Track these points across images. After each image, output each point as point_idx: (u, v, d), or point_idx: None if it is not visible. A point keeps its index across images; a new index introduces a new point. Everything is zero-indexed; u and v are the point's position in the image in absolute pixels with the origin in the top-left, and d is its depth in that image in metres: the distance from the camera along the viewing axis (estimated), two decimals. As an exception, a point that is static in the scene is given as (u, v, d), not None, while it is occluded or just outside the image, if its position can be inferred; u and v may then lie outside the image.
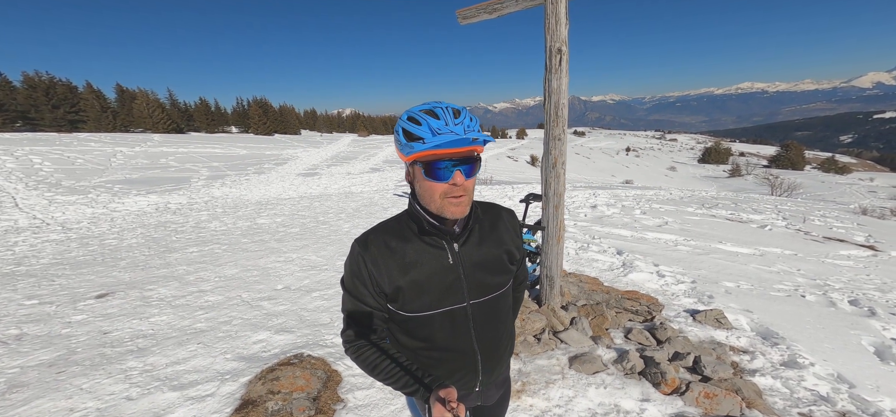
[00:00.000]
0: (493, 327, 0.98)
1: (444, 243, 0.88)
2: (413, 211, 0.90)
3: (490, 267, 0.93)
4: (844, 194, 22.35)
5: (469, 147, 0.80)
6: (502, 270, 0.96)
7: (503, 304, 0.99)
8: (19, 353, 2.62)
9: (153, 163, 15.26)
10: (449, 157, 0.80)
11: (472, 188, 0.86)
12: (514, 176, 22.29)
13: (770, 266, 4.65)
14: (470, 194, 0.85)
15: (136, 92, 35.24)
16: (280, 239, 5.76)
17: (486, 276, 0.93)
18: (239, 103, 46.82)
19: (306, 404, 2.12)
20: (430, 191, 0.83)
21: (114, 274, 4.19)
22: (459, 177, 0.81)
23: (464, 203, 0.84)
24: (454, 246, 0.89)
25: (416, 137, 0.79)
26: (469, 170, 0.83)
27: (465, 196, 0.84)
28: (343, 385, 2.28)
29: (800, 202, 12.59)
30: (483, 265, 0.92)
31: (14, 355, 2.60)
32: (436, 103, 0.82)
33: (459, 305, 0.91)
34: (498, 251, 0.95)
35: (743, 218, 7.55)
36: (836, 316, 3.24)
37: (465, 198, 0.84)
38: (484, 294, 0.93)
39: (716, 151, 46.83)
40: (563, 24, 2.54)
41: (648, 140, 73.81)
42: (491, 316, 0.96)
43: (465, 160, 0.82)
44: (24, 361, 2.52)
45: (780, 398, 2.13)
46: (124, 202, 9.11)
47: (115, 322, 3.08)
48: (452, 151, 0.79)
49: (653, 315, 3.03)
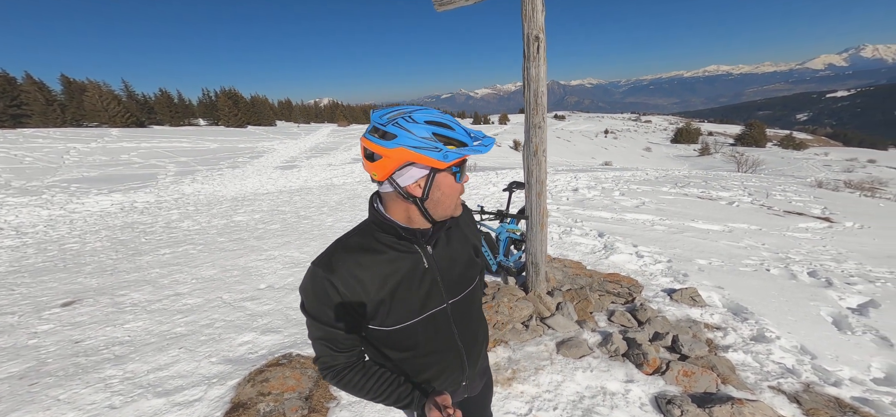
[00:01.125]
0: (472, 320, 1.00)
1: (416, 248, 0.86)
2: (382, 221, 0.85)
3: (462, 263, 0.95)
4: (802, 169, 23.98)
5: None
6: (472, 264, 0.98)
7: (477, 297, 1.03)
8: (-19, 369, 2.44)
9: (113, 159, 14.29)
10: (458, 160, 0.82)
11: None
12: (497, 161, 22.41)
13: (738, 241, 4.94)
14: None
15: (86, 83, 32.51)
16: (260, 236, 5.57)
17: (460, 272, 0.94)
18: (206, 94, 44.25)
19: (299, 403, 2.10)
20: (452, 195, 0.83)
21: (79, 281, 3.93)
22: (467, 178, 0.85)
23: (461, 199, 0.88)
24: (427, 249, 0.88)
25: (459, 142, 0.78)
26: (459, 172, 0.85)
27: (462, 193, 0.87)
28: (335, 384, 2.28)
29: (763, 177, 13.40)
30: (456, 261, 0.94)
31: (-25, 372, 2.42)
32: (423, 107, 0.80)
33: (440, 307, 0.90)
34: (466, 245, 0.97)
35: (713, 196, 7.95)
36: (797, 288, 3.50)
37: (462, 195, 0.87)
38: (460, 291, 0.94)
39: (687, 131, 48.88)
40: (540, 11, 2.51)
41: (625, 122, 75.83)
42: (468, 311, 0.98)
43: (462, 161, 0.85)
44: (-12, 377, 2.36)
45: (752, 372, 2.27)
46: (84, 202, 8.50)
47: (86, 330, 2.92)
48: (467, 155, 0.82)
49: (633, 296, 3.17)
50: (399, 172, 0.79)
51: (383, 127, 0.76)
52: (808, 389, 2.13)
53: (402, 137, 0.75)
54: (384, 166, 0.78)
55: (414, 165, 0.78)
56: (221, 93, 42.07)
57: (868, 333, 2.72)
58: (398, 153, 0.75)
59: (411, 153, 0.75)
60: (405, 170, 0.78)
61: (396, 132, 0.75)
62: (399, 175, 0.79)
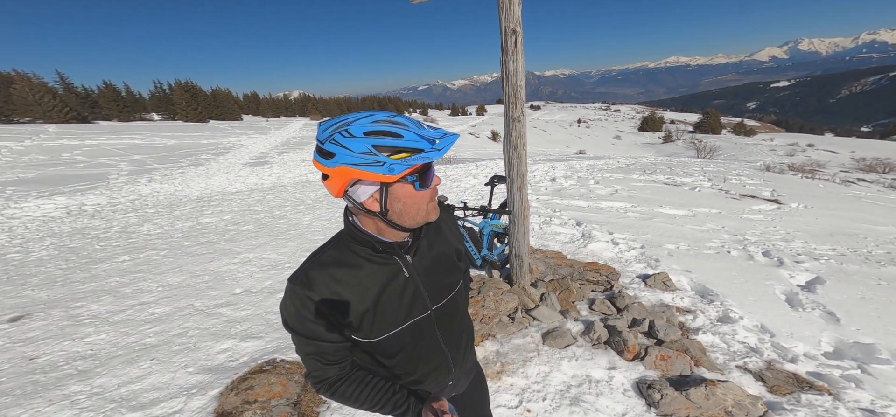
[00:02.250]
0: (456, 322, 1.00)
1: (395, 259, 0.84)
2: (357, 235, 0.81)
3: (444, 269, 0.93)
4: (752, 153, 26.02)
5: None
6: (454, 269, 0.96)
7: (461, 300, 1.01)
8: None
9: (53, 158, 12.93)
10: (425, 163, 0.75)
11: None
12: (477, 153, 22.52)
13: (701, 225, 5.30)
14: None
15: (13, 74, 28.93)
16: (231, 238, 5.27)
17: (442, 278, 0.92)
18: (158, 87, 40.79)
19: (287, 410, 2.05)
20: (419, 203, 0.77)
21: (25, 294, 3.56)
22: (438, 180, 0.80)
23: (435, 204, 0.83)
24: (407, 259, 0.85)
25: (414, 150, 0.70)
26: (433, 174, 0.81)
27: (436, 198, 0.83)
28: (323, 389, 2.22)
29: (720, 163, 14.41)
30: (437, 267, 0.91)
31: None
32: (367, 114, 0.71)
33: (424, 315, 0.89)
34: (448, 250, 0.95)
35: (677, 182, 8.46)
36: (754, 268, 3.81)
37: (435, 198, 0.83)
38: (444, 296, 0.93)
39: (652, 120, 51.45)
40: (517, 4, 2.50)
41: (596, 112, 78.46)
42: (452, 315, 0.97)
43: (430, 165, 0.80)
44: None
45: (721, 353, 2.45)
46: (22, 207, 7.64)
47: (40, 346, 2.67)
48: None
49: (611, 284, 3.32)
50: (351, 189, 0.74)
51: (322, 144, 0.70)
52: (770, 367, 2.34)
53: (340, 155, 0.69)
54: (334, 184, 0.73)
55: (361, 182, 0.72)
56: (177, 85, 38.94)
57: (816, 309, 3.01)
58: (341, 171, 0.70)
59: (353, 171, 0.69)
60: (356, 187, 0.73)
61: (334, 150, 0.69)
62: (352, 191, 0.74)
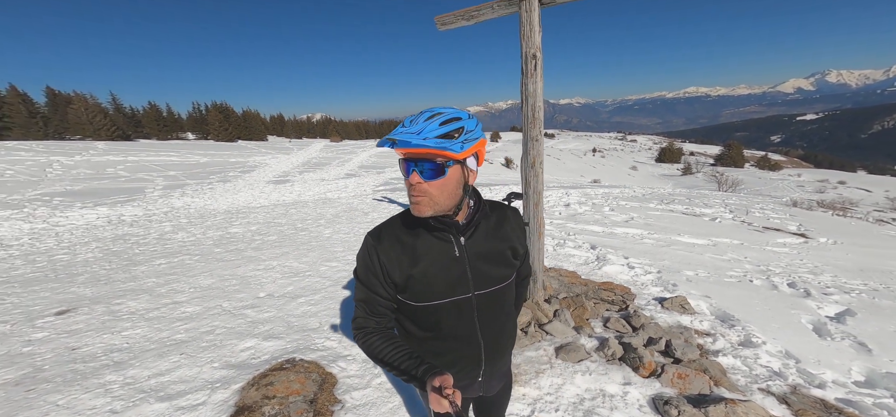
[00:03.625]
0: (497, 318, 1.03)
1: (450, 236, 0.93)
2: None
3: (494, 260, 0.98)
4: (777, 188, 25.11)
5: (412, 148, 0.80)
6: (506, 264, 1.01)
7: (507, 297, 1.05)
8: (-25, 375, 2.38)
9: (98, 172, 13.96)
10: (411, 157, 0.84)
11: (437, 192, 0.85)
12: (489, 178, 22.74)
13: (722, 255, 5.18)
14: (433, 197, 0.85)
15: (72, 96, 31.94)
16: (257, 247, 5.53)
17: (490, 268, 0.98)
18: (195, 108, 43.90)
19: (304, 407, 2.11)
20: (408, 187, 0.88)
21: (72, 290, 3.84)
22: (415, 177, 0.83)
23: (422, 204, 0.85)
24: (460, 240, 0.94)
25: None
26: (428, 174, 0.83)
27: (423, 197, 0.84)
28: (339, 387, 2.29)
29: (743, 196, 14.01)
30: (487, 257, 0.97)
31: (-32, 378, 2.35)
32: (433, 108, 0.85)
33: (465, 296, 0.95)
34: (502, 246, 1.00)
35: (696, 212, 8.30)
36: (778, 297, 3.70)
37: (423, 199, 0.85)
38: (488, 285, 0.98)
39: (670, 151, 50.74)
40: (537, 31, 2.71)
41: (611, 141, 78.23)
42: (495, 307, 1.01)
43: (423, 160, 0.83)
44: (-17, 383, 2.30)
45: (742, 375, 2.40)
46: (68, 216, 8.28)
47: (82, 337, 2.87)
48: (406, 151, 0.83)
49: (627, 304, 3.30)
50: None
51: None
52: (795, 391, 2.26)
53: None
54: None
55: None
56: (212, 107, 41.82)
57: (847, 339, 2.89)
58: None
59: None
60: None
61: None
62: None
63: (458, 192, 0.89)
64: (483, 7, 2.87)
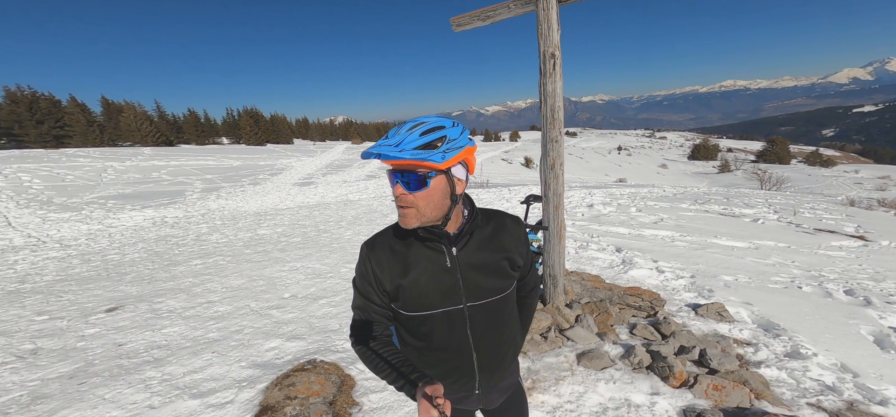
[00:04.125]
0: (492, 330, 0.99)
1: (442, 246, 0.91)
2: None
3: (488, 271, 0.95)
4: (831, 186, 22.94)
5: (394, 160, 0.80)
6: (502, 275, 0.97)
7: (504, 308, 1.00)
8: (37, 367, 2.65)
9: (145, 176, 15.12)
10: (395, 169, 0.83)
11: (423, 203, 0.84)
12: (509, 178, 22.46)
13: (765, 259, 4.79)
14: (419, 209, 0.84)
15: (123, 105, 34.78)
16: (282, 248, 5.77)
17: (484, 280, 0.94)
18: (229, 114, 46.51)
19: (323, 408, 2.15)
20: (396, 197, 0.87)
21: (121, 289, 4.18)
22: (398, 189, 0.83)
23: (409, 216, 0.84)
24: (452, 250, 0.91)
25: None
26: (412, 185, 0.82)
27: (409, 209, 0.84)
28: (357, 389, 2.32)
29: (789, 195, 12.91)
30: (481, 268, 0.94)
31: (32, 368, 2.63)
32: (417, 119, 0.84)
33: (457, 307, 0.93)
34: (498, 256, 0.96)
35: (736, 213, 7.74)
36: (833, 306, 3.36)
37: (409, 211, 0.84)
38: (481, 297, 0.94)
39: (704, 148, 47.73)
40: (555, 30, 2.63)
41: (639, 138, 74.91)
42: (489, 319, 0.97)
43: (407, 172, 0.82)
44: (44, 374, 2.55)
45: (788, 388, 2.20)
46: (120, 217, 9.02)
47: (128, 334, 3.10)
48: (390, 163, 0.82)
49: (656, 310, 3.12)
50: None
51: None
52: (851, 408, 2.04)
53: None
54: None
55: None
56: (244, 112, 44.16)
57: (913, 353, 2.58)
58: None
59: None
60: None
61: None
62: None
63: (445, 202, 0.87)
64: (499, 7, 2.81)
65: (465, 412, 1.10)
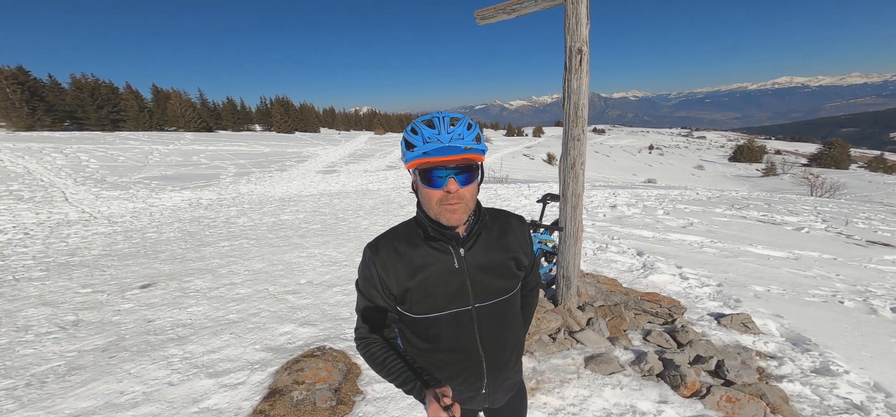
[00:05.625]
0: (499, 330, 0.99)
1: (450, 248, 0.91)
2: (419, 217, 0.92)
3: (495, 272, 0.95)
4: (893, 195, 20.64)
5: (459, 155, 0.80)
6: (508, 275, 0.97)
7: (509, 309, 1.01)
8: (76, 338, 2.90)
9: (186, 160, 16.12)
10: (443, 165, 0.81)
11: (470, 196, 0.86)
12: (529, 174, 21.99)
13: (805, 270, 4.41)
14: (467, 202, 0.85)
15: (170, 92, 37.24)
16: (303, 234, 5.99)
17: (491, 280, 0.94)
18: (263, 102, 48.54)
19: (328, 394, 2.22)
20: (428, 198, 0.85)
21: (155, 266, 4.51)
22: (453, 185, 0.82)
23: (459, 210, 0.85)
24: (460, 251, 0.91)
25: (412, 146, 0.83)
26: (464, 179, 0.83)
27: (460, 204, 0.84)
28: (362, 378, 2.38)
29: (843, 203, 11.75)
30: (488, 269, 0.94)
31: (72, 340, 2.87)
32: (436, 113, 0.83)
33: (465, 308, 0.93)
34: (504, 257, 0.96)
35: (776, 220, 7.16)
36: (876, 323, 3.06)
37: (460, 205, 0.84)
38: (489, 297, 0.95)
39: (749, 149, 44.27)
40: (584, 25, 2.50)
41: (674, 137, 70.76)
42: (496, 320, 0.97)
43: (460, 168, 0.83)
44: (81, 345, 2.79)
45: (809, 404, 2.05)
46: (161, 197, 9.71)
47: (157, 311, 3.33)
48: (444, 159, 0.80)
49: (674, 317, 2.97)
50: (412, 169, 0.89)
51: None
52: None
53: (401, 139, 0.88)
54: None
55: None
56: (276, 101, 45.96)
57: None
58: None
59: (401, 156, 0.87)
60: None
61: None
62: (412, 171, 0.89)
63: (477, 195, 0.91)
64: (525, 0, 2.71)
65: (471, 411, 1.10)
